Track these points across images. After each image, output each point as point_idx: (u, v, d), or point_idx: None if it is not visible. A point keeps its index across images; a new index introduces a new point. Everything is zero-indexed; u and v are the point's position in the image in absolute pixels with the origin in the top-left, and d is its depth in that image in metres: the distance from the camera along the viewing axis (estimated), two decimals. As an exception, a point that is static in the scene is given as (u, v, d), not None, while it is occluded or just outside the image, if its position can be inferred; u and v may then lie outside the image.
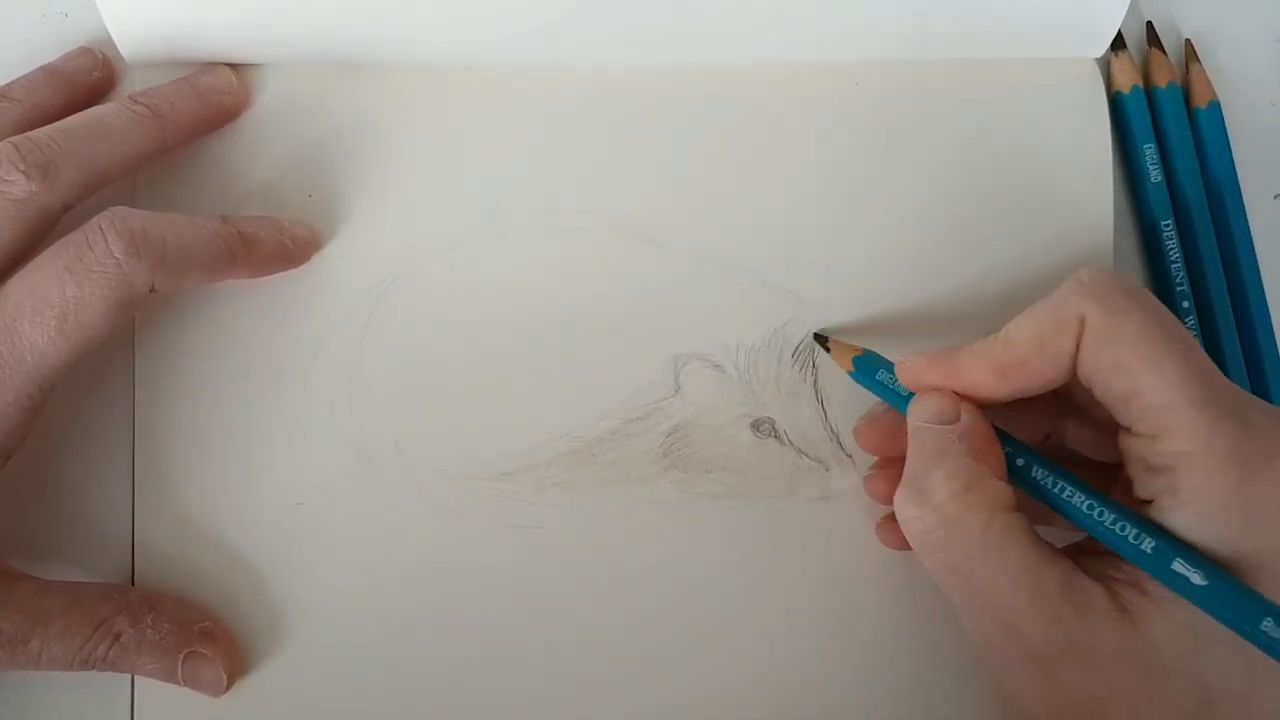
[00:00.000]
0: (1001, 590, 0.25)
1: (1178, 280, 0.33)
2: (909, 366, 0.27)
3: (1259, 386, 0.33)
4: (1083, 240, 0.32)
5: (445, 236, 0.32)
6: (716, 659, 0.30)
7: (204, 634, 0.29)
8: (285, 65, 0.32)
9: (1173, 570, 0.24)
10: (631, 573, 0.31)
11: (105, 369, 0.31)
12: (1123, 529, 0.24)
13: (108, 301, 0.27)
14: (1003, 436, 0.27)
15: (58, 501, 0.31)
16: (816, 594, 0.31)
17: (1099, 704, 0.24)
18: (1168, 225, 0.33)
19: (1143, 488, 0.25)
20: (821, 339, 0.31)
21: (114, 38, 0.31)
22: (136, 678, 0.30)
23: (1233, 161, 0.33)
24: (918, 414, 0.27)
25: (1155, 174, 0.33)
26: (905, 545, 0.27)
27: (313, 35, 0.31)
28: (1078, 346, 0.25)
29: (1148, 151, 0.33)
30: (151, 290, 0.27)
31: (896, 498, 0.26)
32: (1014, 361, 0.26)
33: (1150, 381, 0.24)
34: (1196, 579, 0.23)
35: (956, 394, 0.27)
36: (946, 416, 0.26)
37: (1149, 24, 0.34)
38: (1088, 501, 0.25)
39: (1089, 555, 0.26)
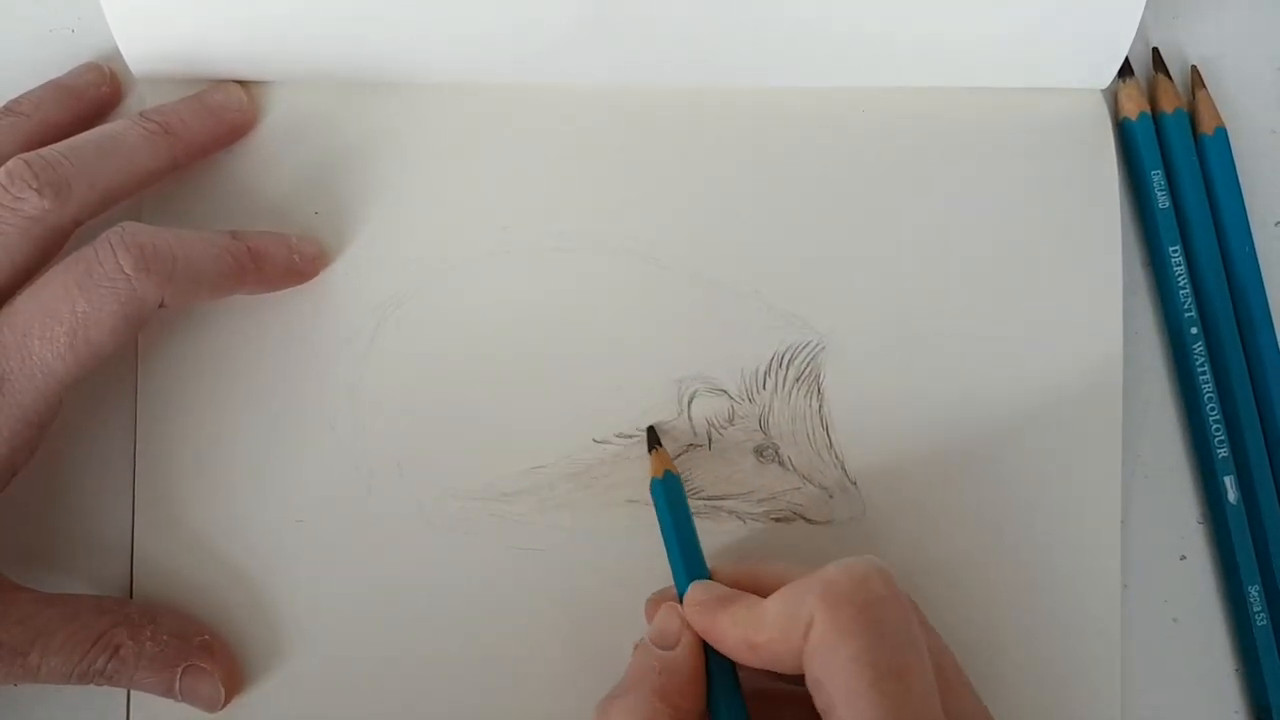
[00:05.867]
0: None
1: (1185, 307, 0.33)
2: (691, 600, 0.27)
3: (1265, 411, 0.32)
4: (1090, 269, 0.32)
5: (451, 255, 0.32)
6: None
7: (203, 648, 0.29)
8: (294, 82, 0.32)
9: None
10: (633, 595, 0.30)
11: (108, 382, 0.31)
12: None
13: (117, 317, 0.27)
14: (723, 685, 0.26)
15: (58, 514, 0.31)
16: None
17: None
18: (1175, 251, 0.33)
19: None
20: (653, 436, 0.30)
21: (123, 53, 0.31)
22: (132, 692, 0.30)
23: (1239, 187, 0.33)
24: (649, 628, 0.27)
25: (1163, 200, 0.33)
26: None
27: (322, 53, 0.31)
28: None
29: (1155, 178, 0.33)
30: (161, 305, 0.27)
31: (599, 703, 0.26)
32: (760, 641, 0.25)
33: (842, 714, 0.23)
34: None
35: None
36: (664, 641, 0.26)
37: (1155, 50, 0.34)
38: None
39: None
